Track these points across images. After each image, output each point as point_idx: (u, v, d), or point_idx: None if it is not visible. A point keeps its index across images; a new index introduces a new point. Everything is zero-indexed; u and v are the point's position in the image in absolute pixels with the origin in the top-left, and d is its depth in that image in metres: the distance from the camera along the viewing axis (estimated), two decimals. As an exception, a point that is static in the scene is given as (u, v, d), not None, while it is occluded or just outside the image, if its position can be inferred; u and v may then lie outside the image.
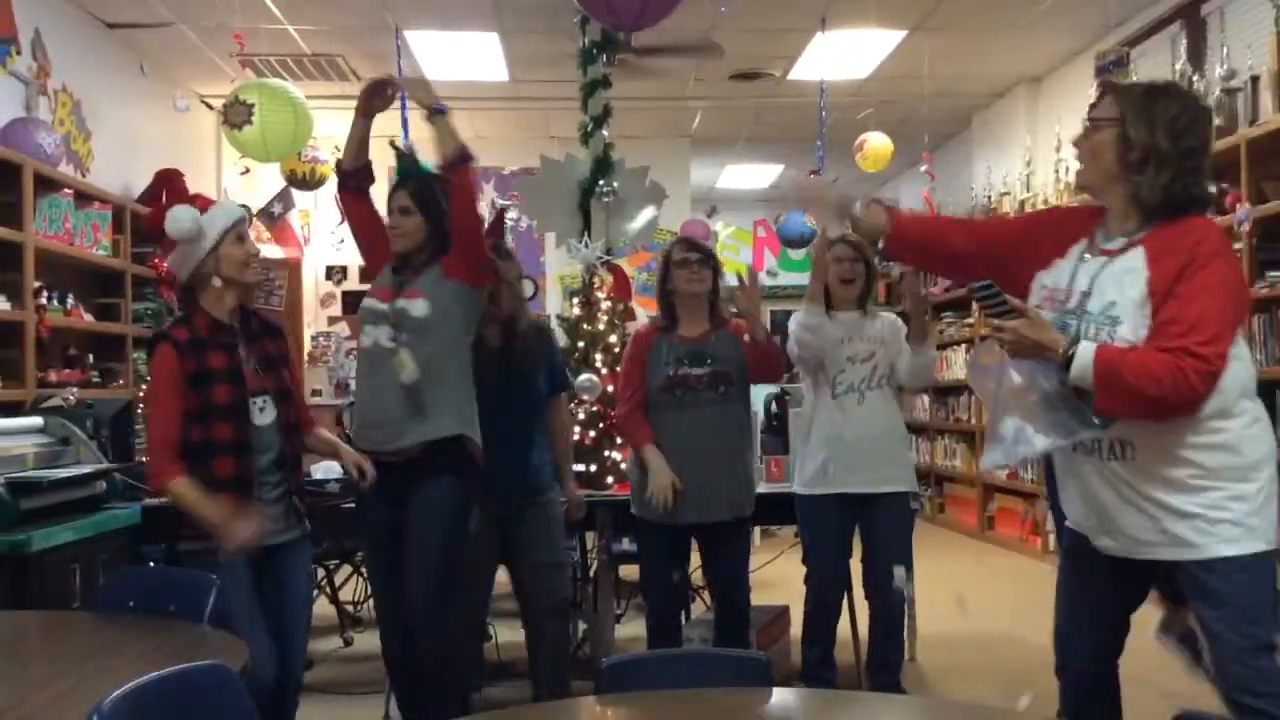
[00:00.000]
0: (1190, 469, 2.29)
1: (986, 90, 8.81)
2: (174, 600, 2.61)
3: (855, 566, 4.09)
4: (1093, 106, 2.56)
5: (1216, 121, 5.57)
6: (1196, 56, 6.27)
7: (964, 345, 9.06)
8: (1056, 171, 7.53)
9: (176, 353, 3.00)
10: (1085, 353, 2.25)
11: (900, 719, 2.07)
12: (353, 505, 3.79)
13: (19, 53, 5.87)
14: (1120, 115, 2.39)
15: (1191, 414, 2.25)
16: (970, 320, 8.84)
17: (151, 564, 3.95)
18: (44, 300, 5.58)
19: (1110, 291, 2.35)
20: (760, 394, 5.38)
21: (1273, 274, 5.04)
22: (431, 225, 3.43)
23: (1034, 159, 8.16)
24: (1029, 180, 8.13)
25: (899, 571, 3.89)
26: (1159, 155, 2.33)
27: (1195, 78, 5.96)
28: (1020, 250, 2.57)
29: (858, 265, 3.99)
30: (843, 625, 4.17)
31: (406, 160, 3.75)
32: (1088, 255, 2.45)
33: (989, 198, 8.76)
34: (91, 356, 6.21)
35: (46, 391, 5.01)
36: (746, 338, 3.81)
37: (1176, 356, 2.19)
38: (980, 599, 6.33)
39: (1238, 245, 5.25)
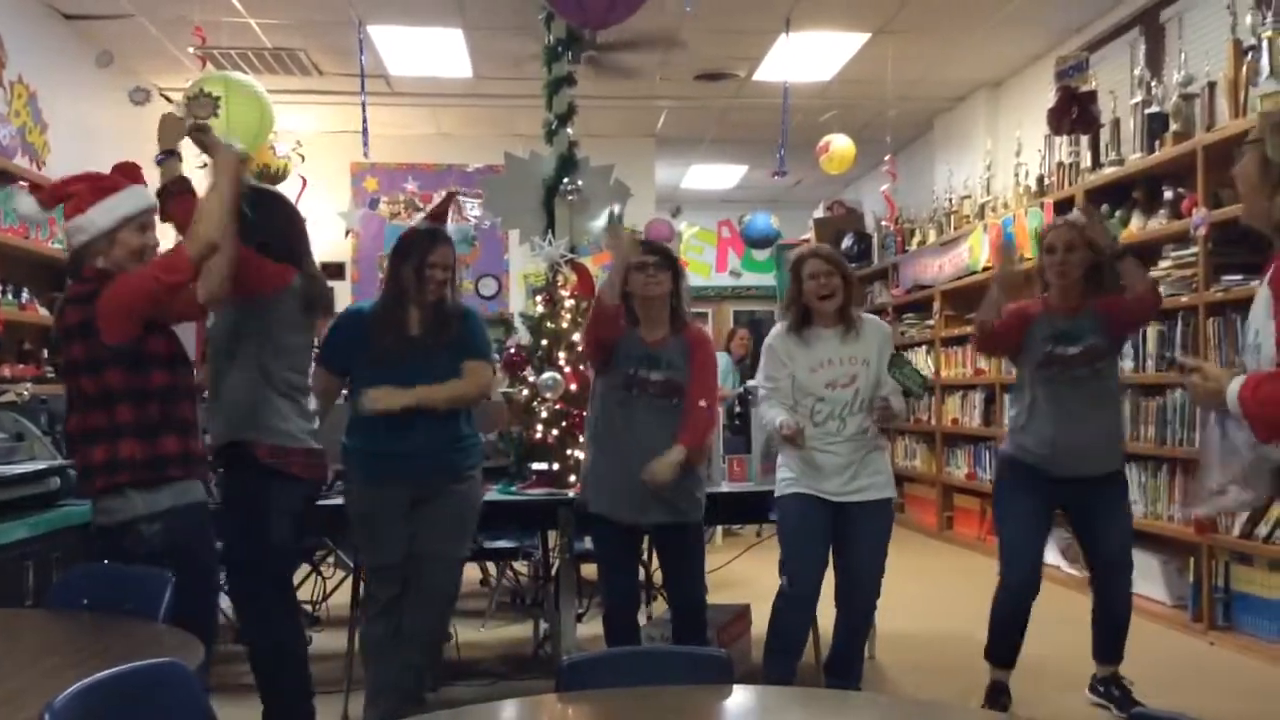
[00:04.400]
0: None
1: (948, 94, 8.89)
2: (129, 598, 2.57)
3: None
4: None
5: (1174, 127, 5.66)
6: (1155, 62, 6.36)
7: (924, 347, 9.13)
8: (1016, 175, 7.60)
9: None
10: (1231, 392, 2.26)
11: (860, 717, 2.08)
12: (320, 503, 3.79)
13: (-27, 42, 5.78)
14: (1261, 137, 2.41)
15: None
16: (931, 323, 8.91)
17: (105, 561, 3.89)
18: (-2, 294, 5.50)
19: (1256, 318, 2.39)
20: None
21: (1228, 278, 5.11)
22: None
23: (994, 163, 8.24)
24: (989, 184, 8.21)
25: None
26: None
27: (1154, 83, 6.04)
28: None
29: (833, 279, 3.86)
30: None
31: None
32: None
33: (950, 200, 8.83)
34: (46, 351, 6.12)
35: (0, 387, 4.94)
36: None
37: None
38: (939, 598, 6.39)
39: (1194, 250, 5.32)
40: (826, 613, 4.02)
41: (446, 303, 3.74)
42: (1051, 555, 6.79)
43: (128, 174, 3.25)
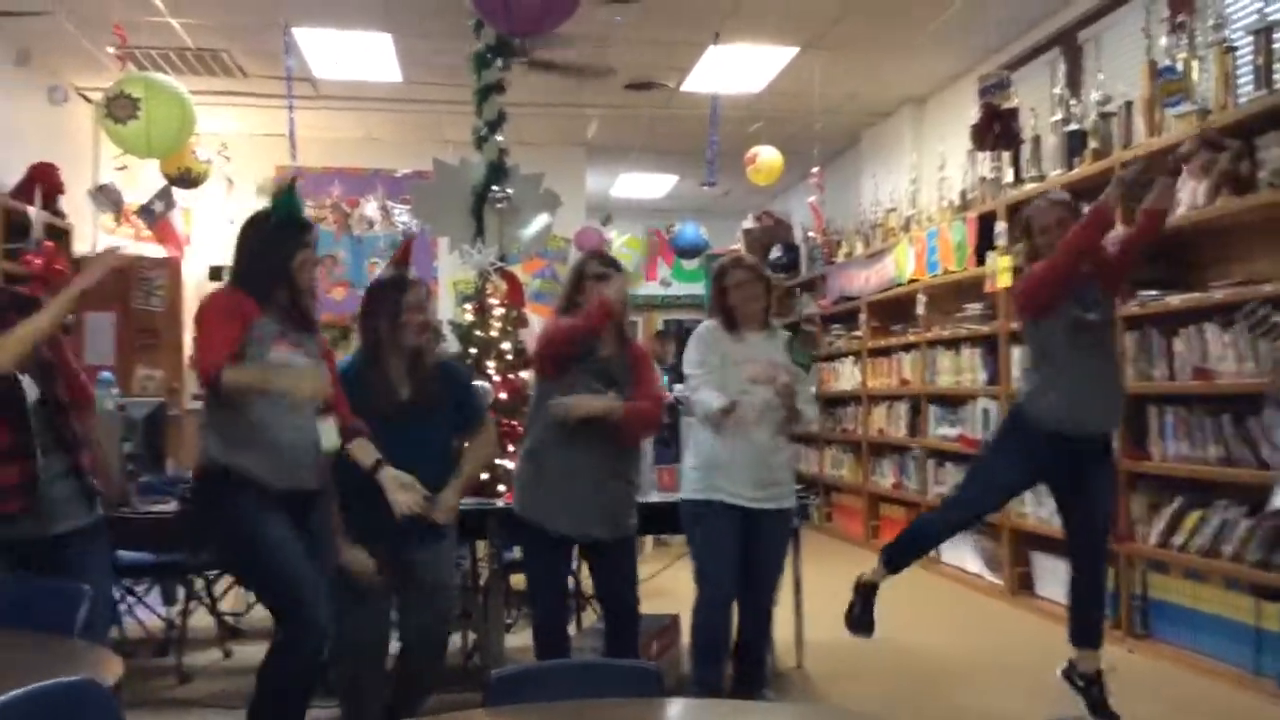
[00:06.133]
0: None
1: (874, 109, 9.01)
2: (44, 612, 2.50)
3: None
4: None
5: (1092, 144, 5.80)
6: (1074, 82, 6.51)
7: (851, 357, 9.23)
8: (940, 189, 7.73)
9: None
10: None
11: (789, 727, 2.09)
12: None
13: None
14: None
15: None
16: (859, 333, 9.01)
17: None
18: (-96, 297, 5.32)
19: None
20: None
21: (1144, 293, 5.24)
22: None
23: (919, 177, 8.37)
24: (915, 197, 8.33)
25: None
26: None
27: (1072, 102, 6.18)
28: None
29: (758, 285, 4.01)
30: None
31: (290, 200, 3.37)
32: None
33: (876, 213, 8.95)
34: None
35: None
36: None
37: None
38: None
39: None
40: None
41: (427, 354, 3.63)
42: (976, 564, 6.90)
43: (44, 176, 3.16)
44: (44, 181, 7.08)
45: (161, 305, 8.31)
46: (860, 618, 4.18)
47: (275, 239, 3.25)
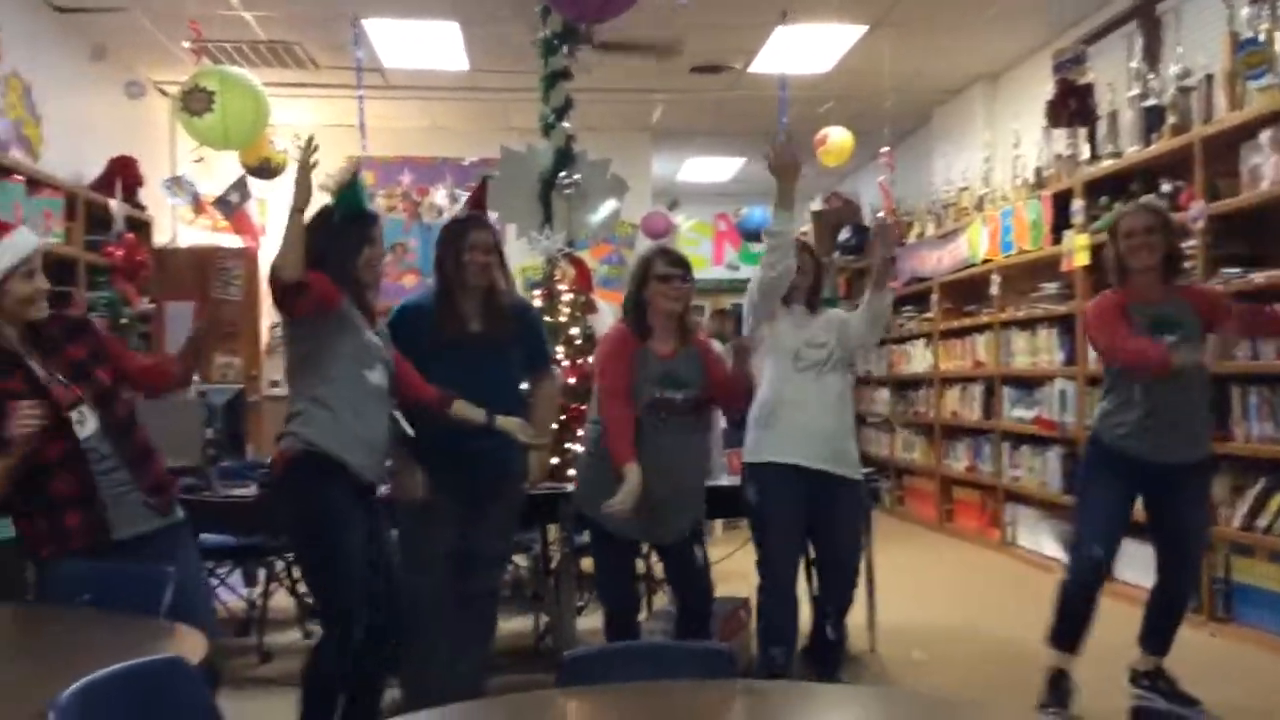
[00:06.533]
0: None
1: (946, 86, 8.87)
2: (130, 593, 2.57)
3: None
4: None
5: (1171, 119, 5.66)
6: (1152, 55, 6.35)
7: (922, 339, 9.12)
8: (1014, 167, 7.60)
9: None
10: None
11: (868, 710, 2.07)
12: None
13: (-32, 36, 5.76)
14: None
15: None
16: (930, 315, 8.90)
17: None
18: (-6, 289, 5.48)
19: None
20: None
21: (1227, 270, 5.11)
22: None
23: (993, 155, 8.23)
24: (988, 176, 8.19)
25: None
26: None
27: (1150, 76, 6.03)
28: None
29: (808, 259, 4.05)
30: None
31: (354, 193, 3.36)
32: None
33: (949, 193, 8.82)
34: None
35: None
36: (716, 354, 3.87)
37: None
38: (940, 590, 6.40)
39: (1192, 242, 5.32)
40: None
41: (500, 293, 3.70)
42: (1053, 549, 6.80)
43: (124, 169, 3.19)
44: (124, 174, 7.25)
45: (239, 294, 8.46)
46: (1050, 701, 3.96)
47: (340, 236, 3.30)
